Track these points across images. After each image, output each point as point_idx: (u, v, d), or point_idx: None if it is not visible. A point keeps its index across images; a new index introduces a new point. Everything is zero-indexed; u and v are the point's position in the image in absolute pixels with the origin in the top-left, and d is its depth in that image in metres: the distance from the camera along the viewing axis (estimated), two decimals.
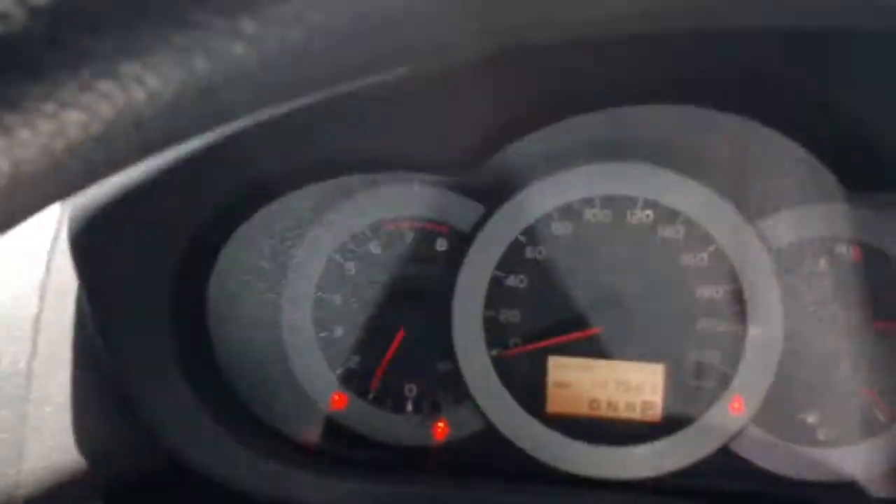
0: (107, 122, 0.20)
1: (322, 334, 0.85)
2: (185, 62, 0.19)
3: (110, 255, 0.68)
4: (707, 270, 0.79)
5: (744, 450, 0.81)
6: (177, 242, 0.68)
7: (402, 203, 0.82)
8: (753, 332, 0.78)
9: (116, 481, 0.77)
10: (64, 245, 0.68)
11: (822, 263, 0.78)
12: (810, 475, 0.81)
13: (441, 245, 0.83)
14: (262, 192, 0.76)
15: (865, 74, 0.62)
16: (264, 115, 0.61)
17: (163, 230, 0.68)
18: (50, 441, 0.66)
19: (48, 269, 0.68)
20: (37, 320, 0.67)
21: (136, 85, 0.19)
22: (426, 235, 0.82)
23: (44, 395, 0.66)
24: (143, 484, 0.81)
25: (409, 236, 0.83)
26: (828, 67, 0.63)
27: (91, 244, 0.66)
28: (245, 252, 0.82)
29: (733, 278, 0.78)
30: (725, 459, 0.81)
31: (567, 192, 0.80)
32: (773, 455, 0.81)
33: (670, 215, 0.79)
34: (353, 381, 0.86)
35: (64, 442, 0.67)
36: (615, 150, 0.78)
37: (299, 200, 0.81)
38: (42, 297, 0.67)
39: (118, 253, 0.68)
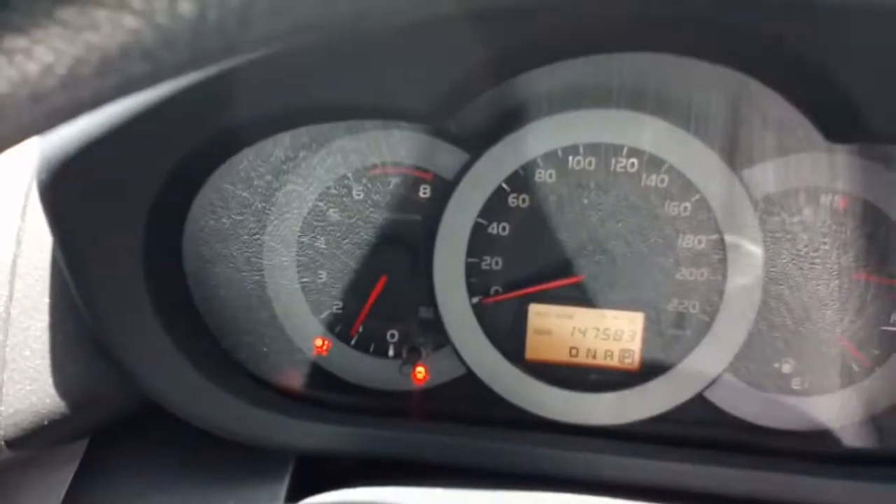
0: (2, 94, 0.19)
1: (305, 279, 0.85)
2: (75, 36, 0.19)
3: (80, 203, 0.67)
4: (690, 219, 0.78)
5: (719, 398, 0.82)
6: (148, 189, 0.68)
7: (385, 149, 0.81)
8: (733, 281, 0.78)
9: (101, 423, 0.78)
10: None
11: (804, 213, 0.77)
12: (784, 424, 0.82)
13: (424, 191, 0.82)
14: (236, 139, 0.75)
15: (848, 29, 0.60)
16: (237, 61, 0.60)
17: (133, 176, 0.67)
18: (29, 385, 0.67)
19: (23, 216, 0.68)
20: (13, 266, 0.67)
21: (27, 59, 0.19)
22: (410, 181, 0.82)
23: (22, 339, 0.67)
24: (129, 424, 0.82)
25: (393, 182, 0.82)
26: (811, 22, 0.61)
27: (60, 191, 0.66)
28: (223, 195, 0.81)
29: (716, 228, 0.78)
30: (701, 407, 0.82)
31: (551, 140, 0.78)
32: (747, 403, 0.82)
33: (655, 164, 0.78)
34: (336, 325, 0.87)
35: (43, 385, 0.68)
36: (601, 98, 0.77)
37: (283, 143, 0.80)
38: (18, 243, 0.67)
39: (88, 200, 0.67)
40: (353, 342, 0.87)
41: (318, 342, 0.87)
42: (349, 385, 0.87)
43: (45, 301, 0.70)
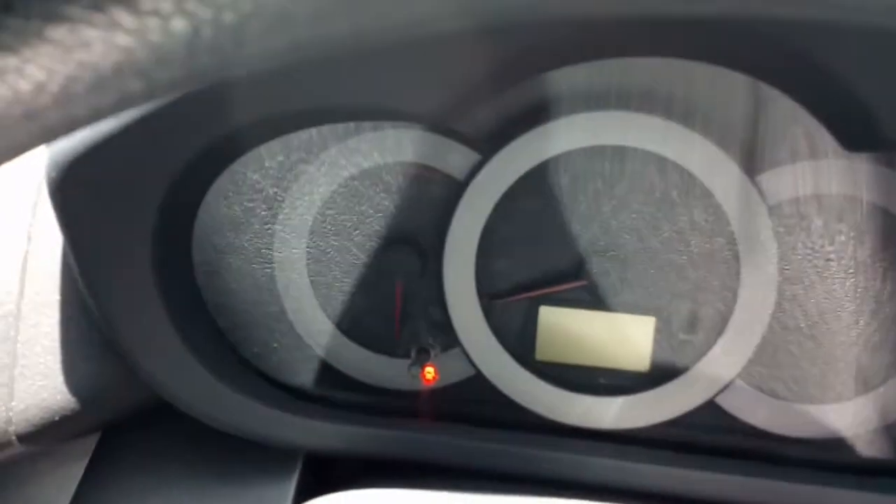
0: None
1: (315, 276, 0.85)
2: (67, 55, 0.18)
3: (90, 201, 0.67)
4: (703, 224, 0.77)
5: (730, 404, 0.82)
6: (157, 189, 0.68)
7: (396, 148, 0.80)
8: (746, 287, 0.78)
9: (111, 418, 0.79)
10: None
11: (819, 220, 0.76)
12: (796, 432, 0.81)
13: (435, 192, 0.81)
14: (245, 140, 0.75)
15: (866, 40, 0.59)
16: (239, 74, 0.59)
17: (143, 175, 0.67)
18: (40, 380, 0.67)
19: (34, 213, 0.68)
20: (24, 262, 0.68)
21: (19, 78, 0.19)
22: (421, 181, 0.81)
23: (33, 335, 0.67)
24: (141, 419, 0.83)
25: (404, 181, 0.81)
26: (828, 29, 0.60)
27: (70, 188, 0.66)
28: (235, 196, 0.81)
29: (730, 233, 0.77)
30: (712, 413, 0.81)
31: (564, 142, 0.77)
32: (759, 410, 0.81)
33: (669, 167, 0.77)
34: (345, 323, 0.86)
35: (54, 381, 0.69)
36: (614, 100, 0.76)
37: (291, 142, 0.80)
38: (29, 240, 0.68)
39: (98, 198, 0.67)
40: (362, 340, 0.87)
41: (327, 339, 0.87)
42: (357, 383, 0.87)
43: (55, 297, 0.70)
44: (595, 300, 0.82)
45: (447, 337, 0.84)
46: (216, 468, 0.79)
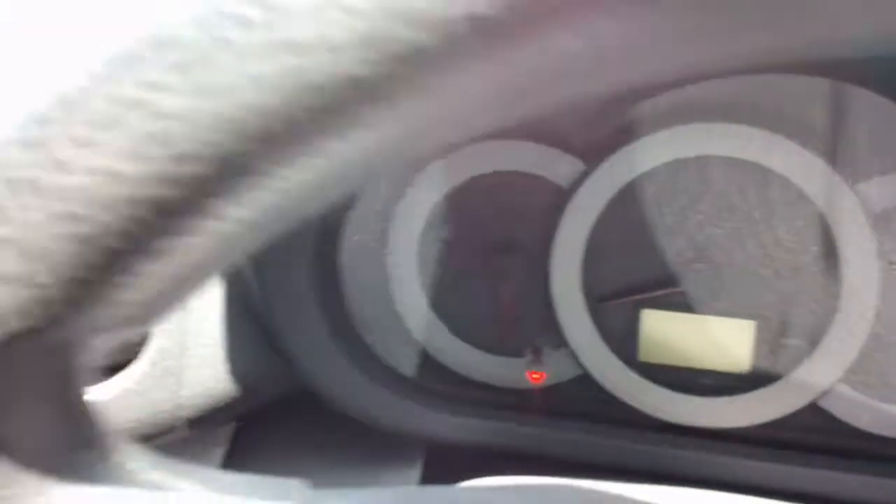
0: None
1: (425, 277, 0.90)
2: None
3: None
4: (803, 232, 0.80)
5: (833, 406, 0.84)
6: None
7: (501, 157, 0.85)
8: (847, 294, 0.80)
9: (258, 407, 0.86)
10: None
11: None
12: None
13: (540, 199, 0.85)
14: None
15: None
16: None
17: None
18: (206, 370, 0.75)
19: None
20: None
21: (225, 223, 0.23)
22: (525, 189, 0.85)
23: (201, 329, 0.75)
24: (271, 409, 0.90)
25: (509, 189, 0.85)
26: None
27: None
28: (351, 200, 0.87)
29: (829, 240, 0.80)
30: (814, 415, 0.84)
31: (667, 151, 0.81)
32: (862, 413, 0.84)
33: (769, 176, 0.80)
34: (455, 323, 0.91)
35: (217, 371, 0.76)
36: (714, 112, 0.79)
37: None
38: None
39: None
40: (472, 340, 0.91)
41: (438, 337, 0.91)
42: (467, 380, 0.92)
43: (220, 295, 0.78)
44: (695, 304, 0.85)
45: (554, 338, 0.88)
46: (345, 456, 0.85)
